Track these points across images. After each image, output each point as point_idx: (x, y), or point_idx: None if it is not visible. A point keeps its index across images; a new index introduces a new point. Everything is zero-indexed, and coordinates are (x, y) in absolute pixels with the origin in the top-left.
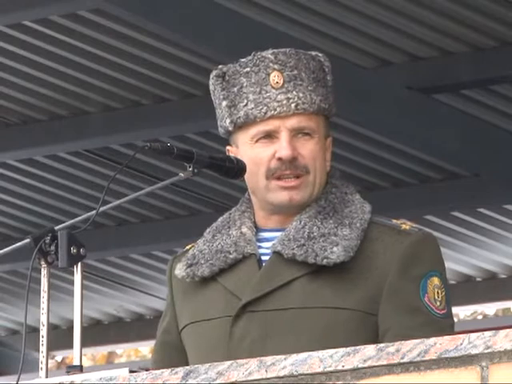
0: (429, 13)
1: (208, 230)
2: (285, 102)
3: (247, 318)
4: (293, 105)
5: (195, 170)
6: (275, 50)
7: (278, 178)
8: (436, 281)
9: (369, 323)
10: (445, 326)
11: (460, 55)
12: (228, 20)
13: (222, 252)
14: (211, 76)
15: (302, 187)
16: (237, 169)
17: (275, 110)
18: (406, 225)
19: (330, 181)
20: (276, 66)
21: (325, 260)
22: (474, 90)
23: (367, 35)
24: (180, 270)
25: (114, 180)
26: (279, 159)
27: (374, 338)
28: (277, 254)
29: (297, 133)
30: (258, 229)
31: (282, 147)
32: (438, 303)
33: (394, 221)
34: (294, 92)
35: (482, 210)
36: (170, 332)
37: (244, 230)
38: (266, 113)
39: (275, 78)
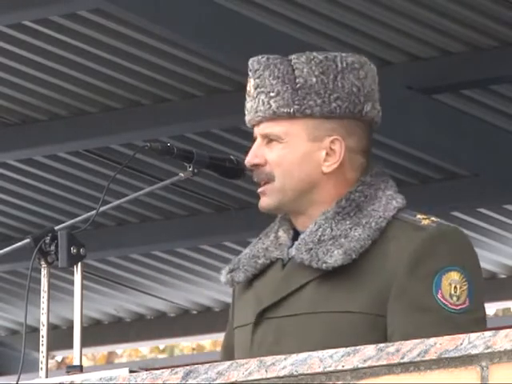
0: (429, 13)
1: (261, 233)
2: (251, 109)
3: (265, 325)
4: (253, 112)
5: (195, 170)
6: (255, 58)
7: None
8: (454, 275)
9: (379, 325)
10: (462, 321)
11: (460, 55)
12: (228, 20)
13: (254, 257)
14: None
15: (268, 194)
16: (237, 169)
17: (248, 117)
18: (428, 220)
19: (360, 178)
20: (250, 74)
21: (324, 264)
22: (473, 90)
23: (367, 35)
24: (223, 275)
25: (114, 180)
26: None
27: (384, 340)
28: (293, 258)
29: (269, 139)
30: (297, 231)
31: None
32: (455, 298)
33: (419, 216)
34: (257, 99)
35: (481, 209)
36: (229, 336)
37: (280, 233)
38: (248, 121)
39: (248, 85)
